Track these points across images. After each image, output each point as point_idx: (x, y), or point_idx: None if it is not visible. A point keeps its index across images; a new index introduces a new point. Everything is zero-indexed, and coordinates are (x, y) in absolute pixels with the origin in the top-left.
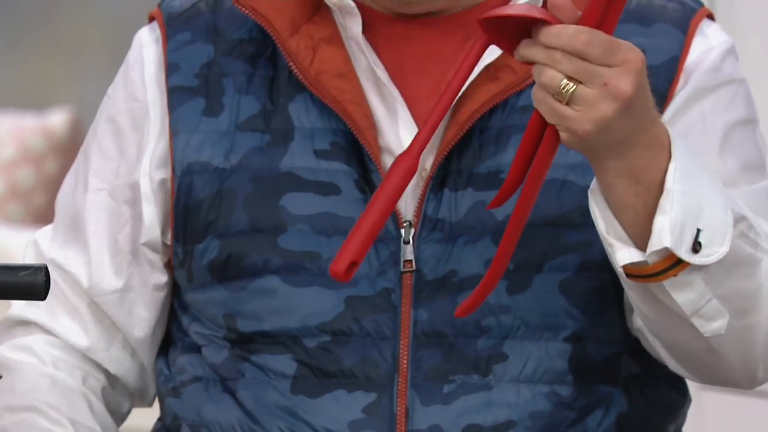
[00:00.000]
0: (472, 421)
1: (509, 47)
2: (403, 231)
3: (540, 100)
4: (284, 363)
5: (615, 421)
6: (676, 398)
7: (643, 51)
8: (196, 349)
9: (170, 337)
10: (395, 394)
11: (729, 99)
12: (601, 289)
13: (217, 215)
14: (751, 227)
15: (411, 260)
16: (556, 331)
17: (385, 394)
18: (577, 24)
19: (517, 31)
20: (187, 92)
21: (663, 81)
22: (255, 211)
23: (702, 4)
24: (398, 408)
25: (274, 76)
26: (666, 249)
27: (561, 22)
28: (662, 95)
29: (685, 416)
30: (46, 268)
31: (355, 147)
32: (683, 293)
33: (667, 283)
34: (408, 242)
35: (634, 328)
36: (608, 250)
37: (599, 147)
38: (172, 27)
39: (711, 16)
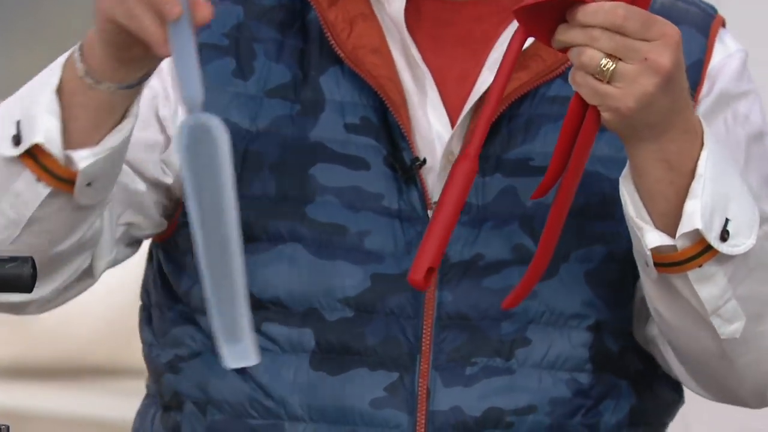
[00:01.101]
0: (494, 404)
1: (545, 37)
2: (430, 212)
3: (580, 82)
4: (303, 336)
5: (627, 412)
6: (674, 397)
7: None
8: (191, 319)
9: (157, 304)
10: (417, 375)
11: (749, 109)
12: (623, 282)
13: (240, 176)
14: None
15: None
16: (580, 320)
17: (407, 373)
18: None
19: (551, 20)
20: (215, 50)
21: (690, 84)
22: (284, 177)
23: (717, 11)
24: (420, 388)
25: (304, 48)
26: (695, 235)
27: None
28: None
29: (675, 415)
30: (33, 259)
31: (384, 123)
32: (706, 287)
33: (692, 274)
34: None
35: (647, 339)
36: (637, 234)
37: (640, 126)
38: None
39: (724, 24)
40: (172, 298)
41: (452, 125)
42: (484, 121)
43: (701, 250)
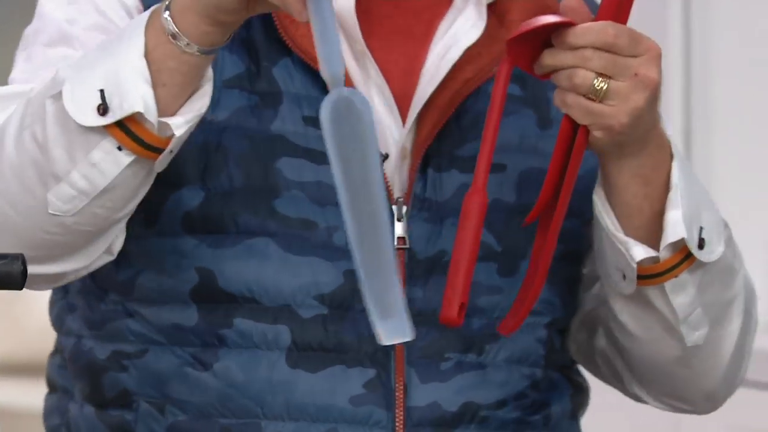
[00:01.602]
0: (469, 399)
1: (527, 65)
2: (395, 208)
3: (572, 103)
4: (277, 333)
5: (568, 403)
6: (586, 384)
7: None
8: (132, 312)
9: (82, 293)
10: (393, 371)
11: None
12: (575, 281)
13: (205, 167)
14: (731, 237)
15: (404, 238)
16: (539, 317)
17: (383, 370)
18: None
19: (533, 47)
20: None
21: None
22: (251, 170)
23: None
24: (396, 384)
25: (248, 37)
26: (676, 245)
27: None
28: None
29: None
30: (23, 256)
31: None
32: (680, 296)
33: (668, 285)
34: (401, 219)
35: (595, 351)
36: (620, 249)
37: (627, 142)
38: None
39: None
40: (101, 287)
41: (402, 119)
42: (486, 153)
43: (680, 260)
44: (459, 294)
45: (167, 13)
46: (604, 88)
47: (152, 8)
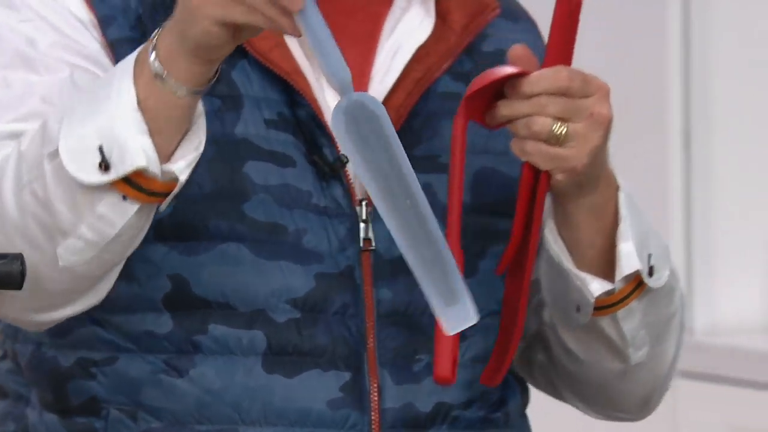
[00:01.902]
0: (441, 399)
1: (482, 118)
2: (358, 209)
3: (532, 150)
4: (251, 338)
5: (521, 402)
6: (527, 384)
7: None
8: (98, 320)
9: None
10: (366, 373)
11: None
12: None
13: None
14: (669, 258)
15: (370, 239)
16: (496, 317)
17: (358, 372)
18: (543, 67)
19: (486, 100)
20: (131, 43)
21: None
22: (219, 175)
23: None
24: (371, 386)
25: None
26: (626, 276)
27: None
28: None
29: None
30: (22, 256)
31: (295, 119)
32: (629, 322)
33: (620, 313)
34: (366, 221)
35: (530, 363)
36: (577, 285)
37: (586, 181)
38: None
39: None
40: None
41: None
42: (455, 215)
43: (632, 289)
44: (450, 352)
45: (154, 58)
46: (564, 131)
47: (136, 53)
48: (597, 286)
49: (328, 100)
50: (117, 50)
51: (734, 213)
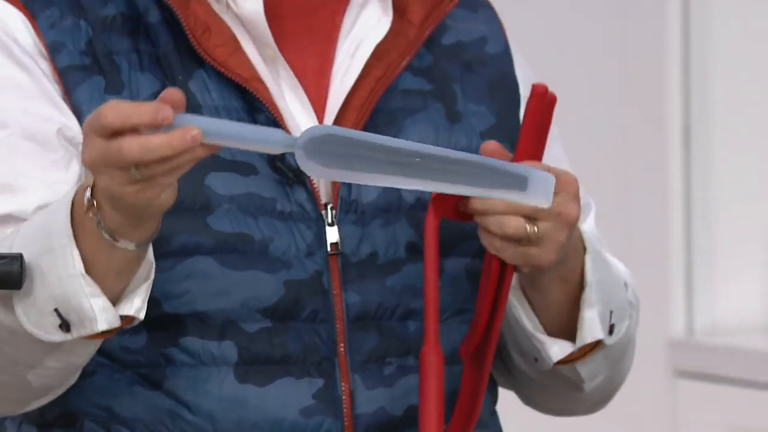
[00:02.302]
0: (413, 402)
1: (453, 213)
2: (323, 213)
3: (501, 248)
4: (224, 349)
5: (491, 400)
6: (496, 381)
7: (485, 38)
8: None
9: None
10: (338, 379)
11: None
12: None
13: None
14: (632, 290)
15: (336, 243)
16: (464, 315)
17: (330, 379)
18: (514, 161)
19: (456, 196)
20: (81, 71)
21: (509, 66)
22: (181, 190)
23: None
24: (343, 392)
25: (157, 52)
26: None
27: None
28: (513, 81)
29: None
30: (22, 256)
31: (254, 124)
32: (588, 366)
33: (579, 363)
34: (333, 224)
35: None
36: (536, 346)
37: (552, 268)
38: (33, 1)
39: None
40: None
41: (319, 121)
42: (432, 312)
43: (593, 346)
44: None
45: (100, 226)
46: (536, 232)
47: (66, 206)
48: (557, 350)
49: (288, 103)
50: (66, 77)
51: (734, 213)
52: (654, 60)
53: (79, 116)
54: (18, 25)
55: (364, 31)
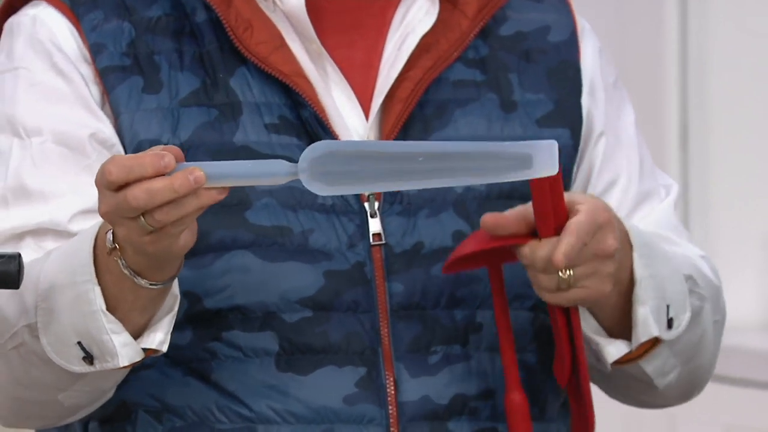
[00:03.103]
0: (459, 390)
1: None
2: (366, 205)
3: (548, 298)
4: (264, 340)
5: (560, 395)
6: None
7: (548, 27)
8: None
9: None
10: (382, 368)
11: (623, 94)
12: None
13: None
14: (695, 282)
15: (379, 233)
16: (522, 300)
17: (373, 367)
18: (534, 215)
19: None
20: (121, 71)
21: (573, 55)
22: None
23: None
24: (387, 381)
25: (201, 51)
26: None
27: (528, 237)
28: (576, 68)
29: None
30: (20, 255)
31: (299, 120)
32: (652, 363)
33: (642, 361)
34: (375, 216)
35: None
36: (593, 348)
37: (616, 282)
38: (79, 5)
39: None
40: None
41: (365, 113)
42: (509, 352)
43: (653, 343)
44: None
45: (125, 266)
46: (571, 275)
47: (90, 242)
48: (613, 351)
49: (335, 98)
50: (105, 78)
51: (731, 211)
52: (651, 58)
53: (117, 116)
54: (63, 32)
55: (412, 23)
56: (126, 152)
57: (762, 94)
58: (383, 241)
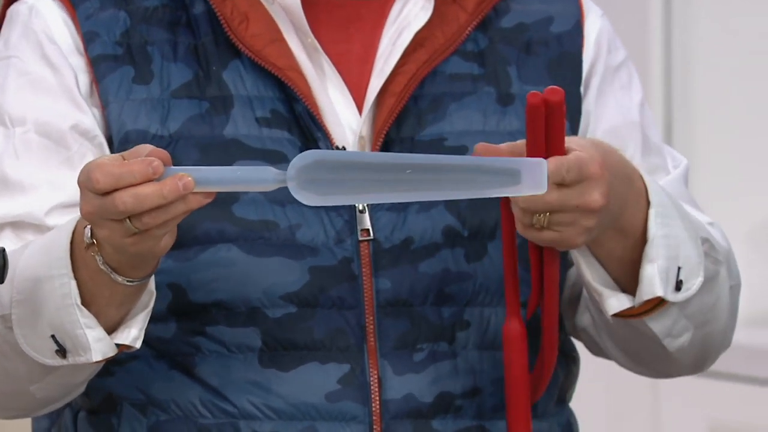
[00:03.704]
0: (444, 389)
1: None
2: None
3: (523, 232)
4: (248, 336)
5: (557, 389)
6: (577, 369)
7: (551, 18)
8: None
9: None
10: (367, 365)
11: (629, 78)
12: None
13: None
14: (712, 246)
15: (368, 229)
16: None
17: (357, 364)
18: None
19: None
20: (112, 60)
21: (576, 46)
22: None
23: None
24: (371, 378)
25: (196, 43)
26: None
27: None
28: (578, 59)
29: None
30: (4, 250)
31: (292, 114)
32: (659, 323)
33: (647, 318)
34: (363, 211)
35: (577, 328)
36: (594, 297)
37: (599, 233)
38: None
39: None
40: None
41: (358, 108)
42: (511, 283)
43: (658, 303)
44: (525, 427)
45: (102, 262)
46: (546, 217)
47: (67, 236)
48: (614, 303)
49: (329, 93)
50: (96, 67)
51: (715, 209)
52: (636, 58)
53: (106, 105)
54: (57, 22)
55: (408, 18)
56: (113, 142)
57: (745, 94)
58: (371, 237)
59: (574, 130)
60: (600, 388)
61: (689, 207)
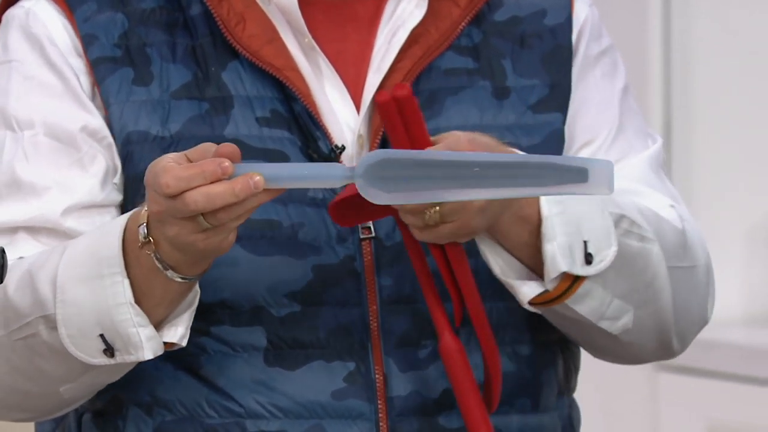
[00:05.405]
0: (448, 385)
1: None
2: None
3: (420, 236)
4: (253, 335)
5: (559, 383)
6: (577, 362)
7: (544, 11)
8: None
9: None
10: (372, 362)
11: (614, 65)
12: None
13: None
14: (633, 222)
15: (369, 227)
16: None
17: (362, 362)
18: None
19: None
20: (112, 62)
21: (568, 37)
22: None
23: None
24: (376, 375)
25: (194, 44)
26: (563, 272)
27: None
28: (570, 51)
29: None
30: (3, 250)
31: (292, 114)
32: (584, 304)
33: (569, 301)
34: None
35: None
36: (510, 290)
37: (496, 217)
38: None
39: None
40: None
41: (356, 107)
42: (434, 301)
43: (573, 281)
44: (480, 424)
45: (153, 254)
46: (436, 210)
47: (118, 235)
48: (527, 291)
49: (327, 92)
50: (96, 69)
51: (715, 207)
52: (635, 58)
53: (107, 107)
54: (56, 25)
55: (402, 16)
56: (116, 145)
57: (744, 93)
58: (373, 235)
59: (564, 121)
60: (598, 387)
61: (651, 189)
